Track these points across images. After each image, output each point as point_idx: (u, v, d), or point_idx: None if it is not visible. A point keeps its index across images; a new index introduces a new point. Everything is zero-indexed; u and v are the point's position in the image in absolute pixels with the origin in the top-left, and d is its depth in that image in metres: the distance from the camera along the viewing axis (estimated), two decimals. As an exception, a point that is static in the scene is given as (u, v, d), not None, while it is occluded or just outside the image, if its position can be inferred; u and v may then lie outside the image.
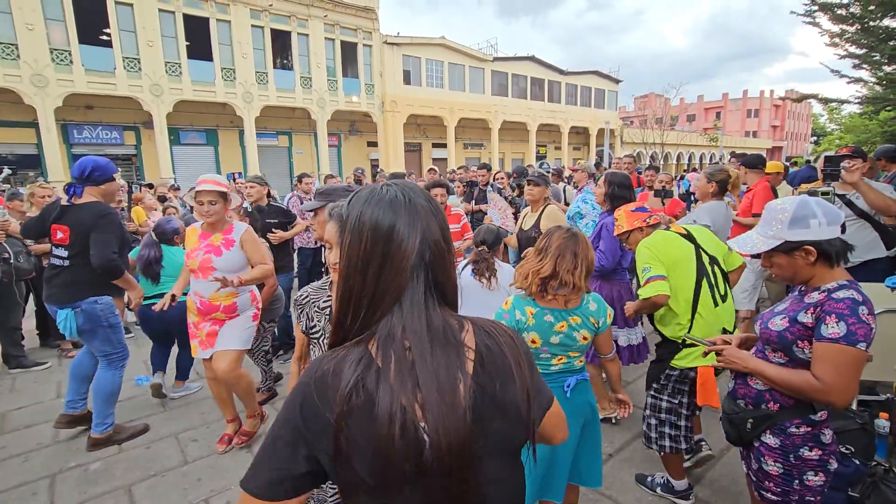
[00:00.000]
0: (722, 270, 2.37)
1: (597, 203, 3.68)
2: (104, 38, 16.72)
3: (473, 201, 6.11)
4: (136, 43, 16.79)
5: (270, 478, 0.71)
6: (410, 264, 0.73)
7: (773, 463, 1.56)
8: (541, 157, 30.03)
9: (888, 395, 2.80)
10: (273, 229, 4.35)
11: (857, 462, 2.26)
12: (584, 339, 1.91)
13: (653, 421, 2.43)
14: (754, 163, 4.38)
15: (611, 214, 3.27)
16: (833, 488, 2.24)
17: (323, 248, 2.55)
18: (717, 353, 1.69)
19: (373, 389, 0.67)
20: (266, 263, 2.94)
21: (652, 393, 2.45)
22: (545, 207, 3.78)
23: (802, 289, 1.56)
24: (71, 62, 15.61)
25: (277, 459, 0.71)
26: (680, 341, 2.29)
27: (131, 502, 2.58)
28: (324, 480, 0.74)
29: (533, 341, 1.88)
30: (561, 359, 1.92)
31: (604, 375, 3.44)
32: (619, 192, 3.25)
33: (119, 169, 3.08)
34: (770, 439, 1.56)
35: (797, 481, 1.52)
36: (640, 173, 7.09)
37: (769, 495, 1.60)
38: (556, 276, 1.83)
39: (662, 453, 2.44)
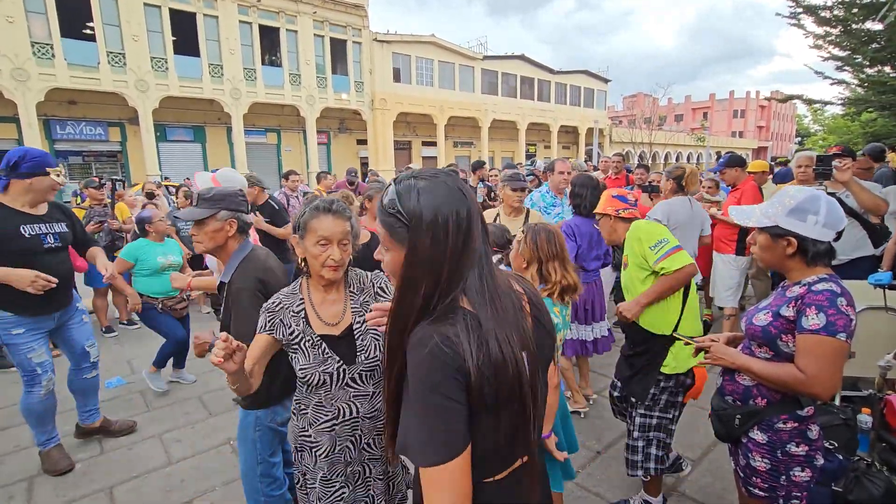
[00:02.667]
0: None
1: (554, 195, 3.92)
2: (87, 31, 16.38)
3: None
4: (121, 37, 16.50)
5: (447, 438, 0.80)
6: (480, 240, 0.88)
7: (760, 459, 1.57)
8: (530, 156, 30.12)
9: (870, 390, 2.85)
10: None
11: (841, 457, 2.28)
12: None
13: (640, 443, 2.22)
14: (740, 162, 4.43)
15: (576, 216, 3.41)
16: (817, 483, 2.27)
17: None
18: (706, 351, 1.68)
19: (485, 339, 0.83)
20: None
21: (641, 412, 2.22)
22: (528, 213, 3.65)
23: (785, 284, 1.58)
24: (53, 56, 15.28)
25: (445, 420, 0.80)
26: (669, 336, 2.20)
27: (112, 505, 2.53)
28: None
29: (560, 339, 1.98)
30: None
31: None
32: (578, 190, 3.36)
33: (60, 165, 2.87)
34: (758, 435, 1.57)
35: (784, 477, 1.53)
36: (629, 172, 7.17)
37: (756, 491, 1.61)
38: (574, 287, 1.97)
39: (647, 477, 2.25)
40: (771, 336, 1.50)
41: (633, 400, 2.26)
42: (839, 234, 1.46)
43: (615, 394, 2.50)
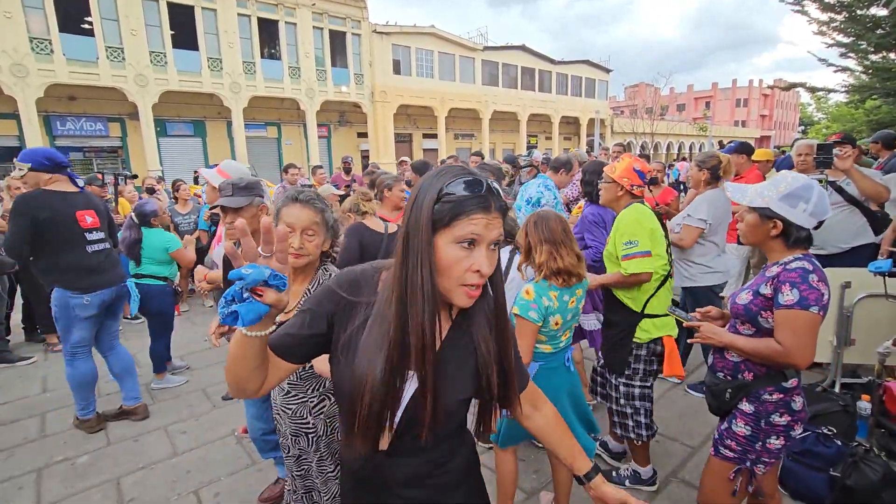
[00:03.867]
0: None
1: (557, 189, 3.72)
2: (86, 26, 16.31)
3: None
4: (119, 32, 16.41)
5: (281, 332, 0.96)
6: None
7: (743, 425, 1.66)
8: (531, 147, 29.99)
9: (870, 377, 2.86)
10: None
11: (839, 443, 2.31)
12: (581, 304, 2.06)
13: (628, 410, 2.35)
14: (748, 149, 4.40)
15: (591, 204, 3.22)
16: (814, 468, 2.29)
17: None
18: (696, 330, 1.78)
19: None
20: None
21: (623, 381, 2.35)
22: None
23: (766, 265, 1.68)
24: (52, 51, 15.23)
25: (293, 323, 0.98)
26: (654, 314, 2.29)
27: (119, 495, 2.56)
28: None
29: (556, 323, 1.95)
30: (567, 333, 2.04)
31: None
32: (589, 178, 3.17)
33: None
34: (745, 406, 1.66)
35: (760, 443, 1.63)
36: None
37: (726, 452, 1.69)
38: (568, 270, 1.94)
39: (640, 442, 2.37)
40: (752, 313, 1.61)
41: (613, 374, 2.40)
42: (821, 223, 1.55)
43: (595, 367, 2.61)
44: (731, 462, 1.67)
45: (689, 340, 1.92)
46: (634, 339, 2.29)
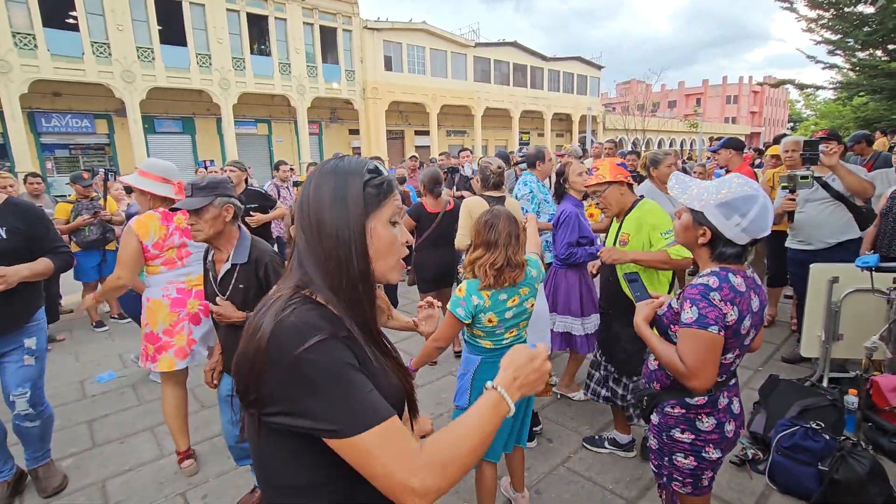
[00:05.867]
0: None
1: (535, 185, 3.74)
2: (70, 21, 16.03)
3: (455, 187, 6.10)
4: (105, 27, 16.15)
5: (374, 399, 0.75)
6: None
7: (653, 438, 1.65)
8: (524, 144, 30.01)
9: (857, 372, 2.89)
10: (251, 213, 4.38)
11: (827, 437, 2.32)
12: (531, 305, 2.03)
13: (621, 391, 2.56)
14: (738, 145, 4.43)
15: (563, 202, 3.24)
16: (803, 462, 2.31)
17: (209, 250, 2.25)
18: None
19: None
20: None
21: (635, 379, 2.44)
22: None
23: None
24: (35, 47, 14.95)
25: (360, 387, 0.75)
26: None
27: (104, 498, 2.52)
28: None
29: (490, 320, 1.93)
30: (512, 331, 2.01)
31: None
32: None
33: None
34: (654, 417, 1.63)
35: (667, 459, 1.59)
36: (623, 157, 7.20)
37: (651, 466, 1.70)
38: (510, 263, 1.88)
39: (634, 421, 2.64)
40: (664, 326, 1.55)
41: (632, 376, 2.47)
42: (755, 241, 1.42)
43: (599, 374, 2.67)
44: (655, 475, 1.68)
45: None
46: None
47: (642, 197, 2.55)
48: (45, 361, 2.55)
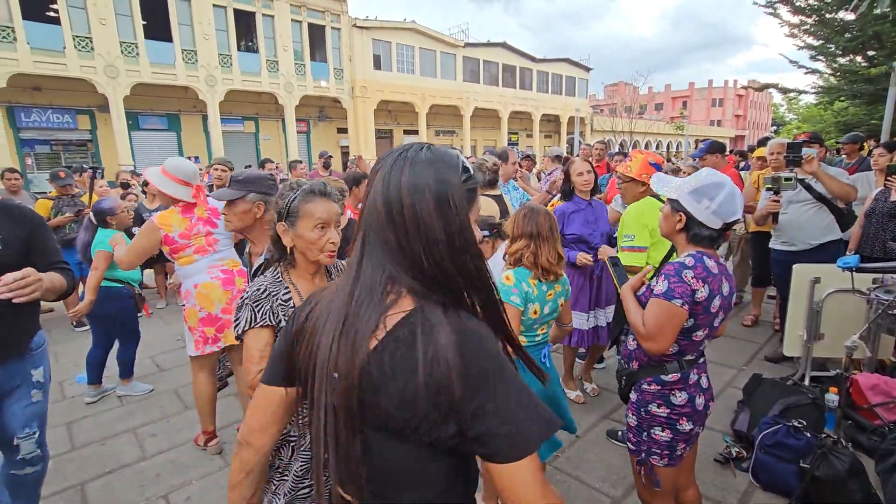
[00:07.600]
0: None
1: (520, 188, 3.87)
2: (51, 14, 15.67)
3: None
4: (87, 21, 15.81)
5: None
6: None
7: (631, 415, 1.74)
8: (512, 145, 30.12)
9: (837, 370, 2.94)
10: None
11: (808, 435, 2.36)
12: (562, 305, 2.05)
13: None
14: (720, 148, 4.49)
15: (568, 200, 3.20)
16: (785, 460, 2.34)
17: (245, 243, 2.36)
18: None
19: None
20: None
21: None
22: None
23: None
24: (14, 40, 14.57)
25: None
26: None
27: (84, 502, 2.46)
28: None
29: (535, 311, 1.94)
30: (543, 328, 2.03)
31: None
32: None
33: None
34: (632, 395, 1.74)
35: (646, 433, 1.68)
36: (611, 158, 7.27)
37: (629, 444, 1.77)
38: (560, 256, 1.97)
39: None
40: (643, 304, 1.66)
41: None
42: (728, 225, 1.57)
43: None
44: (632, 454, 1.75)
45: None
46: None
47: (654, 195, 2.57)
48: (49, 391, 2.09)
